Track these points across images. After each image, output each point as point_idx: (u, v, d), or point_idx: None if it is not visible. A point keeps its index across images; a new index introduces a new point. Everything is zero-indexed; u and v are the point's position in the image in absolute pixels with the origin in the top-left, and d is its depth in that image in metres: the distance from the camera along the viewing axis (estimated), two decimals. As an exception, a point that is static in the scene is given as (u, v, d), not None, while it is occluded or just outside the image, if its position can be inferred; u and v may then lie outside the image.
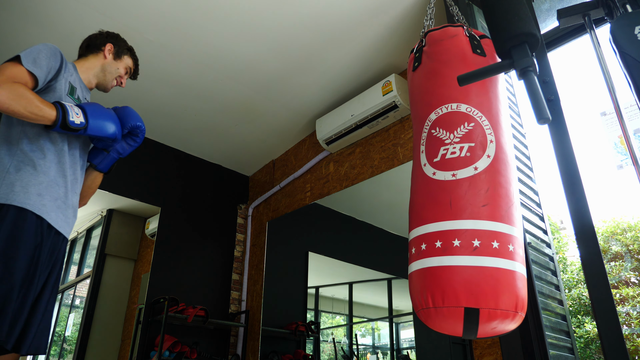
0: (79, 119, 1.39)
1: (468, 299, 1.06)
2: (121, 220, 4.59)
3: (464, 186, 1.17)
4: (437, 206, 1.19)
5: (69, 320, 5.14)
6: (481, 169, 1.19)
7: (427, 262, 1.15)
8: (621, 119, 1.14)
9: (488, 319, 1.07)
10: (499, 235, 1.11)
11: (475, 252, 1.09)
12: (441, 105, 1.31)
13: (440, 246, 1.14)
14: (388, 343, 2.83)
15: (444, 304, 1.10)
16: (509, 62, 0.98)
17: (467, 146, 1.22)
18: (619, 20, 1.12)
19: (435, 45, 1.44)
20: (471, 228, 1.12)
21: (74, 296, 5.22)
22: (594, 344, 5.83)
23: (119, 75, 1.79)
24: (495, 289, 1.06)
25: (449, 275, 1.10)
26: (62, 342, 5.09)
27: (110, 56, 1.77)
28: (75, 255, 5.38)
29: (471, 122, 1.26)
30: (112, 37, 1.81)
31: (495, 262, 1.08)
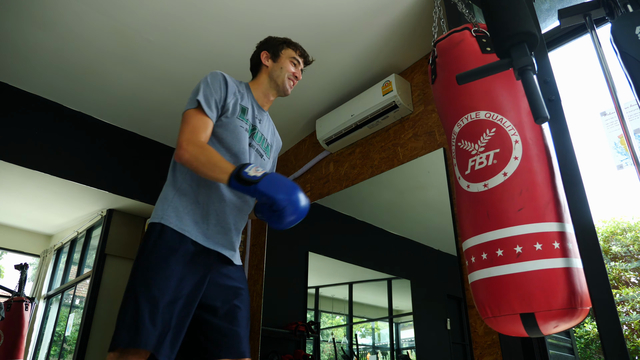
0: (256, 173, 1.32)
1: (522, 305, 1.09)
2: (121, 220, 4.60)
3: (497, 194, 1.18)
4: (476, 219, 1.21)
5: (69, 320, 5.15)
6: (510, 173, 1.19)
7: (478, 275, 1.19)
8: (622, 118, 1.14)
9: (545, 320, 1.09)
10: (540, 236, 1.12)
11: (519, 259, 1.10)
12: (461, 117, 1.32)
13: (486, 258, 1.16)
14: (388, 343, 2.83)
15: (501, 313, 1.13)
16: (507, 61, 0.98)
17: (493, 153, 1.22)
18: (619, 20, 1.12)
19: (445, 55, 1.43)
20: (512, 235, 1.13)
21: (74, 296, 5.22)
22: (594, 344, 5.83)
23: (288, 73, 1.71)
24: (545, 290, 1.08)
25: (499, 285, 1.13)
26: (62, 342, 5.09)
27: (269, 62, 1.73)
28: (75, 255, 5.39)
29: (492, 127, 1.25)
30: (263, 44, 1.79)
31: (540, 264, 1.09)
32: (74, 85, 3.23)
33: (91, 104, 3.46)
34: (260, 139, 1.64)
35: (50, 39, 2.77)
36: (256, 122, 1.64)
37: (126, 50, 2.85)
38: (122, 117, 3.60)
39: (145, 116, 3.58)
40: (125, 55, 2.90)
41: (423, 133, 2.72)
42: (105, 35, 2.72)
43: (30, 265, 5.09)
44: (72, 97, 3.38)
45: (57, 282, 5.62)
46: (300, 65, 1.77)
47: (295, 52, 1.76)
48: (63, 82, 3.20)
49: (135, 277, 1.34)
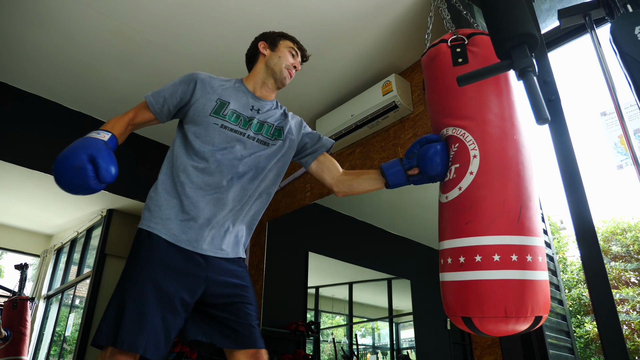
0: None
1: (461, 309, 1.18)
2: (121, 220, 4.60)
3: (452, 207, 1.26)
4: (441, 226, 1.30)
5: (69, 320, 5.15)
6: (465, 187, 1.24)
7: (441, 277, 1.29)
8: (622, 119, 1.14)
9: (482, 324, 1.16)
10: (481, 249, 1.17)
11: (461, 268, 1.18)
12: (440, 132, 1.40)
13: (443, 263, 1.25)
14: (388, 343, 2.83)
15: (450, 313, 1.24)
16: (508, 62, 0.98)
17: (454, 168, 1.28)
18: (619, 20, 1.12)
19: (425, 71, 1.47)
20: (457, 246, 1.21)
21: (74, 296, 5.22)
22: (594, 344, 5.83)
23: (287, 63, 1.70)
24: (482, 297, 1.15)
25: (446, 290, 1.23)
26: (62, 342, 5.09)
27: (267, 51, 1.72)
28: (75, 255, 5.39)
29: (456, 142, 1.30)
30: (260, 36, 1.78)
31: (479, 274, 1.16)
32: (74, 85, 3.24)
33: (91, 104, 3.46)
34: (261, 127, 1.61)
35: (50, 39, 2.77)
36: (252, 112, 1.62)
37: (126, 50, 2.85)
38: (122, 117, 3.60)
39: (145, 116, 3.58)
40: (125, 55, 2.90)
41: (423, 133, 2.72)
42: (105, 35, 2.72)
43: (30, 265, 5.08)
44: (72, 97, 3.38)
45: (57, 282, 5.62)
46: (298, 57, 1.75)
47: (293, 44, 1.75)
48: (63, 82, 3.20)
49: (121, 278, 1.37)
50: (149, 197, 1.52)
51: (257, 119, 1.61)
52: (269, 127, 1.63)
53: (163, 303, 1.33)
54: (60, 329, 5.28)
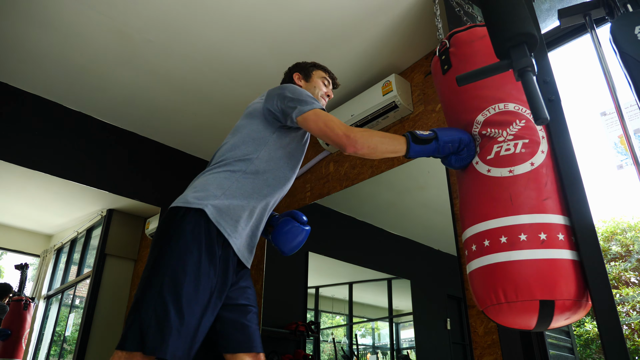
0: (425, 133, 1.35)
1: (543, 292, 1.08)
2: (121, 220, 4.60)
3: (523, 181, 1.18)
4: (497, 202, 1.19)
5: (69, 320, 5.14)
6: (537, 164, 1.19)
7: (494, 258, 1.15)
8: (622, 118, 1.14)
9: (563, 310, 1.08)
10: (562, 228, 1.13)
11: (543, 245, 1.10)
12: (488, 107, 1.32)
13: (507, 241, 1.14)
14: (388, 343, 2.83)
15: (518, 298, 1.10)
16: (507, 62, 0.98)
17: (522, 142, 1.22)
18: (619, 20, 1.11)
19: (465, 47, 1.42)
20: (536, 222, 1.13)
21: (74, 296, 5.22)
22: (594, 344, 5.83)
23: (321, 92, 1.78)
24: (568, 280, 1.08)
25: (520, 269, 1.11)
26: (62, 342, 5.09)
27: (302, 82, 1.79)
28: (75, 255, 5.39)
29: (522, 119, 1.26)
30: (294, 67, 1.85)
31: (562, 253, 1.10)
32: (74, 85, 3.23)
33: (91, 104, 3.46)
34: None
35: (50, 39, 2.77)
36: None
37: (126, 50, 2.85)
38: (122, 117, 3.60)
39: (145, 116, 3.58)
40: (125, 55, 2.90)
41: (423, 133, 2.71)
42: (105, 35, 2.72)
43: (30, 265, 5.09)
44: (72, 97, 3.38)
45: (57, 282, 5.62)
46: (330, 85, 1.84)
47: (325, 73, 1.83)
48: (63, 82, 3.20)
49: (164, 277, 1.26)
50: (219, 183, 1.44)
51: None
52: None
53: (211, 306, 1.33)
54: (60, 329, 5.28)
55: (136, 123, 3.69)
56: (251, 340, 1.43)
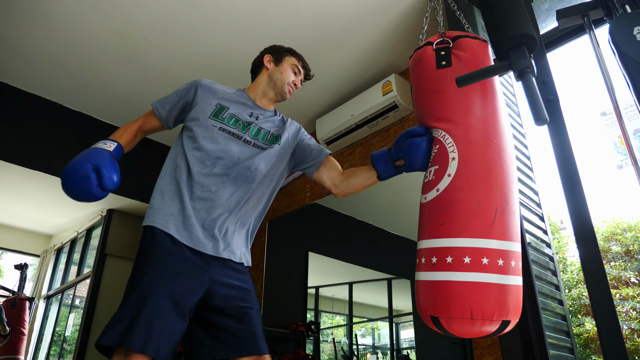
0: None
1: (430, 309, 1.20)
2: (121, 220, 4.60)
3: (430, 208, 1.27)
4: (419, 227, 1.33)
5: (69, 320, 5.15)
6: (442, 189, 1.25)
7: (416, 275, 1.31)
8: (621, 119, 1.14)
9: (449, 325, 1.17)
10: (453, 250, 1.18)
11: (433, 268, 1.20)
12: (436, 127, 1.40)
13: (418, 262, 1.29)
14: (388, 343, 2.83)
15: (421, 312, 1.25)
16: (507, 63, 0.99)
17: (434, 170, 1.30)
18: (617, 21, 1.12)
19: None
20: (431, 247, 1.23)
21: (74, 296, 5.22)
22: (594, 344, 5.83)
23: (288, 80, 1.75)
24: (449, 299, 1.16)
25: (420, 289, 1.25)
26: (62, 342, 5.10)
27: (271, 65, 1.77)
28: (75, 255, 5.39)
29: (437, 144, 1.32)
30: (268, 49, 1.83)
31: (449, 275, 1.17)
32: (74, 85, 3.24)
33: (91, 104, 3.46)
34: (257, 133, 1.65)
35: (50, 39, 2.77)
36: (251, 118, 1.66)
37: (126, 50, 2.85)
38: (122, 117, 3.60)
39: (145, 116, 3.58)
40: (125, 55, 2.90)
41: (423, 133, 2.72)
42: (105, 35, 2.72)
43: (30, 265, 5.09)
44: (72, 97, 3.38)
45: (57, 282, 5.62)
46: (300, 75, 1.79)
47: (298, 61, 1.79)
48: (63, 82, 3.21)
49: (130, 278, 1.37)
50: (153, 196, 1.54)
51: (255, 124, 1.66)
52: (265, 133, 1.67)
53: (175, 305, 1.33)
54: (60, 329, 5.29)
55: (136, 123, 3.69)
56: (250, 343, 1.41)
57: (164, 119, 1.70)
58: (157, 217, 1.45)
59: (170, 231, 1.42)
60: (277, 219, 3.63)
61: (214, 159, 1.53)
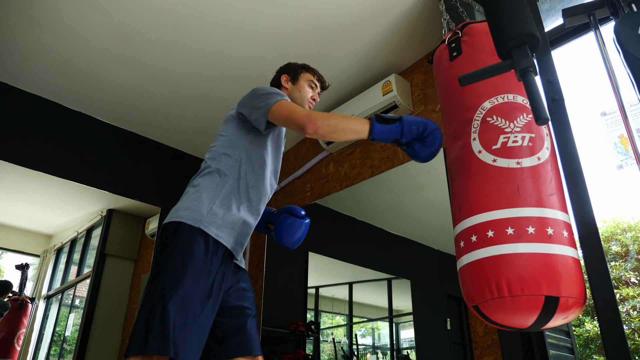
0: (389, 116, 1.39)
1: (549, 287, 1.04)
2: (121, 220, 4.60)
3: (530, 174, 1.17)
4: (503, 193, 1.16)
5: (69, 320, 5.15)
6: (543, 159, 1.19)
7: (498, 250, 1.11)
8: (625, 118, 1.14)
9: (564, 308, 1.06)
10: (566, 225, 1.12)
11: (550, 240, 1.08)
12: (497, 95, 1.30)
13: (514, 233, 1.10)
14: (388, 343, 2.83)
15: (523, 292, 1.06)
16: (509, 62, 0.98)
17: (529, 136, 1.21)
18: (622, 20, 1.11)
19: (480, 37, 1.43)
20: (543, 216, 1.11)
21: (74, 296, 5.22)
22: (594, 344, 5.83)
23: (307, 97, 1.80)
24: (572, 277, 1.06)
25: (527, 263, 1.07)
26: (62, 342, 5.09)
27: (289, 84, 1.81)
28: (75, 255, 5.39)
29: (529, 113, 1.25)
30: (283, 68, 1.86)
31: (567, 250, 1.08)
32: (74, 85, 3.23)
33: (91, 104, 3.45)
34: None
35: (50, 38, 2.76)
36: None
37: (126, 50, 2.85)
38: (122, 117, 3.60)
39: (145, 116, 3.58)
40: (125, 55, 2.90)
41: (423, 133, 2.71)
42: (105, 35, 2.72)
43: (30, 265, 5.09)
44: (72, 97, 3.37)
45: (57, 282, 5.62)
46: (317, 88, 1.85)
47: (313, 76, 1.84)
48: (63, 82, 3.20)
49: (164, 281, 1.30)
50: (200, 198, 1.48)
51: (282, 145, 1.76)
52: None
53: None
54: (60, 329, 5.28)
55: (136, 123, 3.68)
56: (249, 344, 1.44)
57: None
58: (207, 219, 1.42)
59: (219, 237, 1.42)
60: (277, 219, 3.63)
61: (269, 178, 1.62)
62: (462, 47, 1.42)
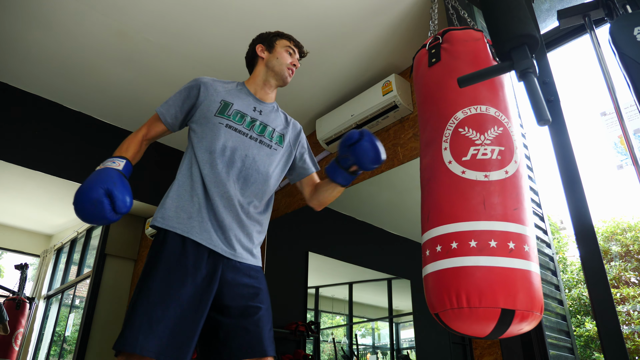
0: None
1: (506, 301, 1.07)
2: (121, 220, 4.59)
3: (497, 188, 1.18)
4: (469, 205, 1.18)
5: (69, 320, 5.15)
6: (511, 173, 1.21)
7: (460, 262, 1.14)
8: (621, 119, 1.14)
9: (520, 320, 1.09)
10: (527, 239, 1.14)
11: (510, 254, 1.10)
12: (469, 106, 1.31)
13: (476, 246, 1.13)
14: (388, 343, 2.83)
15: (481, 304, 1.09)
16: (508, 63, 0.99)
17: (498, 149, 1.23)
18: (618, 22, 1.12)
19: (459, 45, 1.43)
20: (506, 230, 1.13)
21: (74, 296, 5.22)
22: (594, 343, 5.83)
23: (286, 63, 1.72)
24: (529, 291, 1.09)
25: (486, 276, 1.10)
26: (62, 342, 5.09)
27: (265, 53, 1.74)
28: (75, 255, 5.39)
29: (500, 126, 1.27)
30: (256, 39, 1.80)
31: (526, 264, 1.11)
32: (74, 85, 3.24)
33: (91, 104, 3.46)
34: (263, 129, 1.63)
35: (50, 39, 2.77)
36: (255, 114, 1.64)
37: (126, 50, 2.85)
38: (122, 117, 3.60)
39: (145, 116, 3.57)
40: (125, 55, 2.90)
41: (423, 133, 2.72)
42: (105, 35, 2.72)
43: (30, 265, 5.09)
44: (72, 97, 3.38)
45: (57, 282, 5.62)
46: (295, 54, 1.77)
47: (289, 41, 1.77)
48: (63, 82, 3.20)
49: (138, 282, 1.37)
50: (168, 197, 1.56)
51: (259, 120, 1.64)
52: (271, 131, 1.65)
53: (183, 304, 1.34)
54: (60, 329, 5.29)
55: (136, 123, 3.69)
56: (255, 345, 1.38)
57: (170, 124, 1.68)
58: (172, 221, 1.45)
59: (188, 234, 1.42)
60: (277, 219, 3.63)
61: (222, 158, 1.53)
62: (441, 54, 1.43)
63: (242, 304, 1.43)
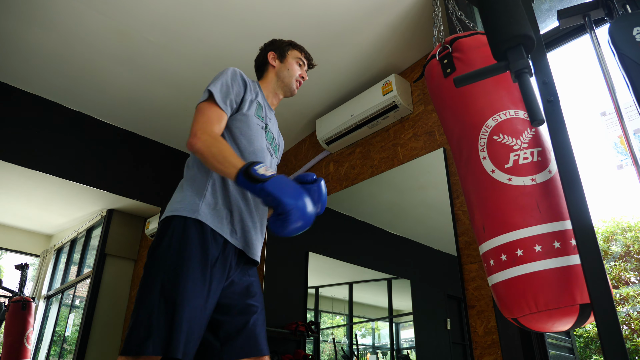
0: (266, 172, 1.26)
1: (582, 295, 1.09)
2: (121, 220, 4.60)
3: (546, 189, 1.20)
4: (525, 211, 1.19)
5: (69, 320, 5.15)
6: (553, 172, 1.22)
7: (530, 267, 1.15)
8: (621, 119, 1.14)
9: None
10: (572, 233, 1.15)
11: (575, 251, 1.12)
12: (499, 112, 1.32)
13: (542, 250, 1.15)
14: (388, 343, 2.83)
15: (559, 305, 1.12)
16: (504, 64, 0.99)
17: (537, 151, 1.24)
18: (617, 22, 1.12)
19: (471, 53, 1.44)
20: (565, 229, 1.15)
21: (74, 296, 5.22)
22: (594, 344, 5.83)
23: (296, 75, 1.73)
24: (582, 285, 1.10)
25: (559, 277, 1.12)
26: (62, 342, 5.09)
27: (276, 62, 1.75)
28: (75, 255, 5.39)
29: (532, 127, 1.28)
30: (269, 45, 1.80)
31: (578, 258, 1.11)
32: (74, 85, 3.24)
33: (91, 104, 3.46)
34: (271, 138, 1.65)
35: (50, 39, 2.77)
36: (267, 120, 1.65)
37: (126, 50, 2.85)
38: (122, 117, 3.60)
39: (145, 116, 3.58)
40: (125, 55, 2.90)
41: (423, 133, 2.72)
42: (105, 35, 2.72)
43: (30, 265, 5.09)
44: (72, 97, 3.38)
45: (57, 282, 5.62)
46: (304, 66, 1.79)
47: (301, 53, 1.79)
48: (63, 82, 3.21)
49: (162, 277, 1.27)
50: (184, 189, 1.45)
51: (269, 127, 1.65)
52: (272, 139, 1.67)
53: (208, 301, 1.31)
54: (60, 329, 5.29)
55: (136, 123, 3.69)
56: (253, 344, 1.38)
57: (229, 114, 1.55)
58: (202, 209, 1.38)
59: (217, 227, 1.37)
60: (277, 219, 3.63)
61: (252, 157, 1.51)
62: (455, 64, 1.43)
63: (242, 304, 1.42)
